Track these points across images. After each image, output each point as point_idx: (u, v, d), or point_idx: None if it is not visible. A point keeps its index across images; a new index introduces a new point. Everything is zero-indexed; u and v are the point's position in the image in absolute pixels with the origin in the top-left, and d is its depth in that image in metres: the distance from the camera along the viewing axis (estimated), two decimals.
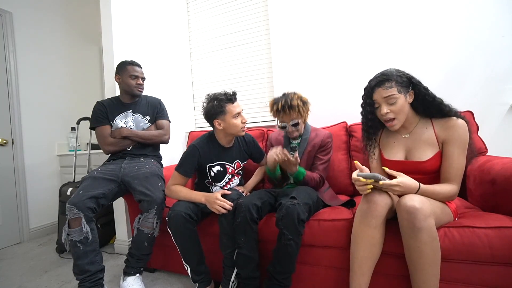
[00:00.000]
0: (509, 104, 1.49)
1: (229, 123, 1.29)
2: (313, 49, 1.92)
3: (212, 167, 1.37)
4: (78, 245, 1.19)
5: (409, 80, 1.01)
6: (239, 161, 1.44)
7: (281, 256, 1.04)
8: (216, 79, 2.29)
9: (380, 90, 1.01)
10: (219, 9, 2.26)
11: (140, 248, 1.30)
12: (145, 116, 1.62)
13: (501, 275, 0.87)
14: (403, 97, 0.99)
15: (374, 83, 1.02)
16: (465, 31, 1.57)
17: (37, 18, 2.41)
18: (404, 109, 1.01)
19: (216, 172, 1.38)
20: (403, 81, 1.00)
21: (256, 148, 1.50)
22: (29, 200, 2.29)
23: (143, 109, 1.63)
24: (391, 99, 0.99)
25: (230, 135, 1.36)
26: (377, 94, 1.02)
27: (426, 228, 0.82)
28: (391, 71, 1.02)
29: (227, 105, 1.28)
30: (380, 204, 0.91)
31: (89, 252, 1.21)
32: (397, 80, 0.99)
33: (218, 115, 1.28)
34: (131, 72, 1.55)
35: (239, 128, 1.31)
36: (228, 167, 1.40)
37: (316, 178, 1.31)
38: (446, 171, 0.98)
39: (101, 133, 1.51)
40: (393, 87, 0.98)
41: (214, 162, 1.37)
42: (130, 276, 1.30)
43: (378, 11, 1.75)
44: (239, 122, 1.30)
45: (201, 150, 1.33)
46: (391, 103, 1.00)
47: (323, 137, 1.39)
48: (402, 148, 1.08)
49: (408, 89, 1.01)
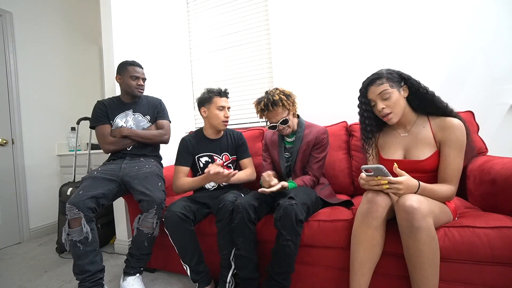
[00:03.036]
0: (509, 104, 1.49)
1: (212, 113, 1.40)
2: (313, 49, 1.92)
3: (200, 158, 1.47)
4: (78, 245, 1.19)
5: (400, 75, 1.05)
6: (227, 154, 1.50)
7: (280, 256, 1.04)
8: (216, 79, 2.29)
9: (373, 88, 1.06)
10: (219, 9, 2.26)
11: (140, 248, 1.30)
12: (146, 116, 1.61)
13: (501, 275, 0.87)
14: (396, 92, 1.03)
15: (367, 83, 1.08)
16: (466, 31, 1.56)
17: (37, 18, 2.41)
18: (400, 103, 1.04)
19: (204, 163, 1.46)
20: (394, 77, 1.04)
21: (242, 146, 1.53)
22: (29, 200, 2.29)
23: (144, 109, 1.62)
24: (385, 94, 1.03)
25: (213, 127, 1.45)
26: (371, 92, 1.07)
27: (425, 227, 0.82)
28: (381, 70, 1.07)
29: (215, 97, 1.41)
30: (380, 204, 0.91)
31: (89, 252, 1.20)
32: (388, 76, 1.04)
33: (205, 104, 1.42)
34: (132, 72, 1.54)
35: (219, 120, 1.41)
36: (216, 159, 1.47)
37: (308, 182, 1.29)
38: (443, 172, 0.99)
39: (101, 132, 1.51)
40: (385, 83, 1.03)
41: (201, 153, 1.46)
42: (130, 276, 1.30)
43: (378, 11, 1.75)
44: (222, 115, 1.41)
45: (188, 142, 1.46)
46: (385, 98, 1.03)
47: (317, 133, 1.34)
48: (400, 147, 1.09)
49: (400, 84, 1.04)
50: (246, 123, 2.18)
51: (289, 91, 1.35)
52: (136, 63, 1.59)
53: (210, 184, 1.48)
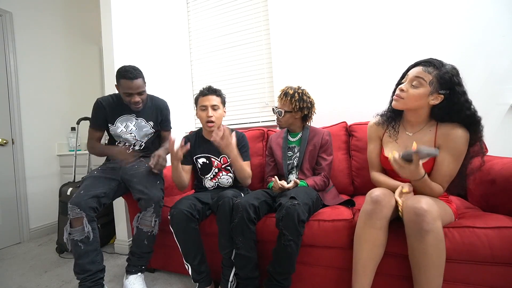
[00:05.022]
0: (509, 104, 1.49)
1: (198, 114, 1.41)
2: (313, 49, 1.92)
3: (198, 159, 1.47)
4: (80, 245, 1.19)
5: (450, 82, 0.93)
6: (226, 156, 1.45)
7: (281, 256, 1.04)
8: (216, 79, 2.29)
9: (417, 68, 0.97)
10: (219, 9, 2.26)
11: (141, 246, 1.31)
12: (149, 122, 1.51)
13: (501, 275, 0.87)
14: (427, 90, 0.95)
15: (420, 61, 0.99)
16: (465, 31, 1.56)
17: (37, 18, 2.40)
18: (418, 101, 0.97)
19: (202, 164, 1.46)
20: (442, 79, 0.93)
21: (242, 149, 1.45)
22: (29, 200, 2.29)
23: (148, 113, 1.51)
24: (417, 81, 0.95)
25: (204, 128, 1.45)
26: (414, 70, 0.99)
27: (434, 230, 0.81)
28: (444, 64, 0.96)
29: (200, 97, 1.40)
30: (385, 205, 0.91)
31: (90, 251, 1.21)
32: (437, 74, 0.94)
33: (195, 105, 1.44)
34: (125, 88, 1.34)
35: (203, 121, 1.39)
36: (213, 160, 1.45)
37: (319, 183, 1.32)
38: (433, 176, 0.99)
39: (91, 135, 1.49)
40: (429, 75, 0.94)
41: (199, 153, 1.47)
42: (132, 274, 1.31)
43: (378, 11, 1.75)
44: (204, 115, 1.37)
45: (187, 140, 1.47)
46: (413, 84, 0.97)
47: (322, 135, 1.41)
48: (402, 146, 1.08)
49: (439, 90, 0.94)
50: (247, 123, 2.18)
51: (312, 99, 1.43)
52: (131, 74, 1.31)
53: (209, 184, 1.48)
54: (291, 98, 1.36)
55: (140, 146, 1.55)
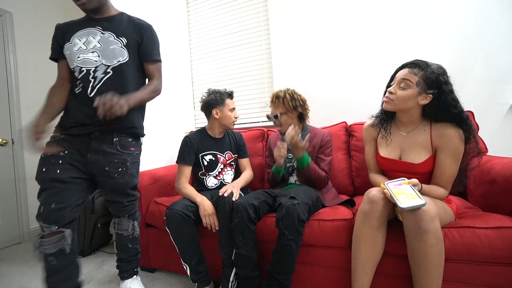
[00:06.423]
0: (509, 104, 1.49)
1: (225, 114, 1.46)
2: (313, 49, 1.92)
3: (204, 156, 1.49)
4: (51, 259, 0.97)
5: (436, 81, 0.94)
6: (230, 152, 1.54)
7: (281, 256, 1.04)
8: (216, 79, 2.29)
9: (405, 70, 1.00)
10: (219, 9, 2.26)
11: (126, 251, 1.26)
12: (120, 38, 1.09)
13: (501, 275, 0.87)
14: (415, 91, 0.97)
15: (407, 63, 1.02)
16: (465, 31, 1.56)
17: (37, 18, 2.40)
18: (407, 102, 0.99)
19: (208, 161, 1.49)
20: (428, 80, 0.95)
21: (243, 146, 1.61)
22: (29, 200, 2.29)
23: (118, 27, 1.11)
24: (404, 83, 0.98)
25: (222, 127, 1.51)
26: (401, 72, 1.02)
27: (432, 230, 0.81)
28: (430, 64, 0.98)
29: (227, 99, 1.48)
30: (382, 204, 0.91)
31: (65, 266, 1.00)
32: (423, 75, 0.95)
33: (217, 105, 1.45)
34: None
35: (231, 121, 1.49)
36: (219, 157, 1.51)
37: (321, 173, 1.32)
38: (438, 178, 1.00)
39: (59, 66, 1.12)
40: (415, 76, 0.96)
41: (205, 151, 1.49)
42: (126, 279, 1.28)
43: (378, 11, 1.75)
44: (233, 116, 1.49)
45: (192, 140, 1.46)
46: (401, 87, 1.00)
47: (322, 136, 1.41)
48: (397, 146, 1.09)
49: (427, 90, 0.96)
50: (246, 123, 2.18)
51: (303, 97, 1.43)
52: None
53: (212, 182, 1.49)
54: (283, 99, 1.38)
55: (105, 74, 1.07)
